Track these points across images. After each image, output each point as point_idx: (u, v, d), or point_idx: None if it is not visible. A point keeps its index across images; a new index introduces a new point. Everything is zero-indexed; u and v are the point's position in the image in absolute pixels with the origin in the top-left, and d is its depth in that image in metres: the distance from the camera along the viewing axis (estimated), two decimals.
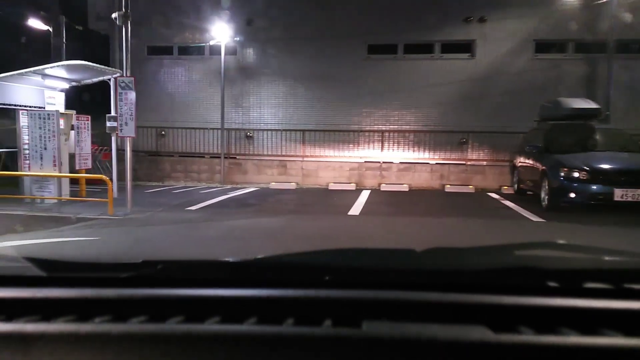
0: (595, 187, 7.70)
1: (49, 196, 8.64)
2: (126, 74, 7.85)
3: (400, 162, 13.01)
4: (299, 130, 13.66)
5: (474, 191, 11.86)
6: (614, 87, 12.11)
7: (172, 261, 0.89)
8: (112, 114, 9.55)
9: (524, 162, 10.14)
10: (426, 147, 13.26)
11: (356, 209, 8.69)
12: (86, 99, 13.31)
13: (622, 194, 7.49)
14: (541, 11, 12.96)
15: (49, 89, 9.68)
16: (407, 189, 12.20)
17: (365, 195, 10.86)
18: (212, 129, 13.71)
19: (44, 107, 9.29)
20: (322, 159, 13.33)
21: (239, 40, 13.91)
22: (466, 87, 13.29)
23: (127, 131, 7.91)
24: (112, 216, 7.51)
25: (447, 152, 13.12)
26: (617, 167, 7.95)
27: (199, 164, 13.75)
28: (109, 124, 9.49)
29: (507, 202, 9.75)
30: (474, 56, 13.44)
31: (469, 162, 12.87)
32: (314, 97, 14.09)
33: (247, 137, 14.21)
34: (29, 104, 9.18)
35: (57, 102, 9.79)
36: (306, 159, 13.37)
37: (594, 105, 9.97)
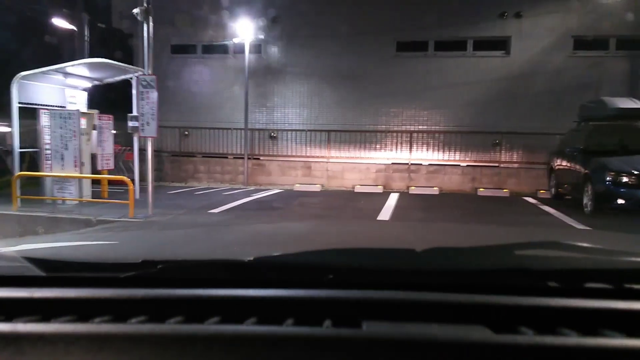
0: None
1: (70, 197, 8.56)
2: (148, 72, 7.60)
3: (429, 164, 12.53)
4: (324, 130, 13.28)
5: (508, 195, 11.30)
6: None
7: (172, 261, 0.89)
8: (134, 113, 9.34)
9: (562, 164, 9.69)
10: (457, 149, 12.72)
11: (385, 214, 8.25)
12: (111, 99, 13.21)
13: None
14: (580, 6, 12.38)
15: (71, 87, 9.57)
16: (438, 192, 11.70)
17: (393, 198, 10.40)
18: (236, 129, 13.44)
19: (65, 107, 9.16)
20: (347, 160, 12.94)
21: (263, 38, 13.60)
22: (500, 86, 12.74)
23: (149, 131, 7.67)
24: (132, 219, 7.40)
25: (479, 154, 12.55)
26: None
27: (222, 164, 13.53)
28: (130, 124, 9.25)
29: (546, 208, 9.18)
30: (509, 54, 12.89)
31: (502, 165, 12.31)
32: (340, 96, 13.71)
33: (271, 137, 13.90)
34: (50, 104, 9.09)
35: (78, 101, 9.67)
36: (331, 160, 13.00)
37: None
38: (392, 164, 12.66)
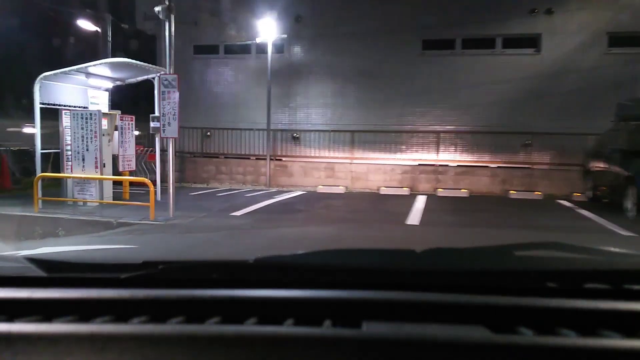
0: None
1: (90, 199, 8.45)
2: (170, 72, 7.42)
3: (457, 165, 12.14)
4: (348, 131, 12.99)
5: (542, 198, 10.83)
6: None
7: (172, 262, 0.88)
8: (156, 114, 9.21)
9: (600, 166, 9.25)
10: (486, 150, 12.30)
11: (414, 218, 7.91)
12: (134, 99, 13.16)
13: None
14: (615, 1, 11.83)
15: (93, 88, 9.48)
16: (467, 195, 11.29)
17: (421, 201, 10.05)
18: (258, 129, 13.25)
19: (87, 107, 9.06)
20: (372, 162, 12.62)
21: (286, 37, 13.36)
22: (531, 85, 12.27)
23: (170, 132, 7.49)
24: (153, 221, 7.24)
25: (509, 155, 12.09)
26: None
27: (244, 165, 13.34)
28: (152, 125, 9.13)
29: (584, 212, 8.72)
30: (540, 51, 12.44)
31: (534, 166, 11.84)
32: (364, 96, 13.40)
33: (294, 138, 13.66)
34: (72, 104, 9.00)
35: (100, 101, 9.57)
36: (355, 161, 12.70)
37: None
38: (419, 165, 12.30)
